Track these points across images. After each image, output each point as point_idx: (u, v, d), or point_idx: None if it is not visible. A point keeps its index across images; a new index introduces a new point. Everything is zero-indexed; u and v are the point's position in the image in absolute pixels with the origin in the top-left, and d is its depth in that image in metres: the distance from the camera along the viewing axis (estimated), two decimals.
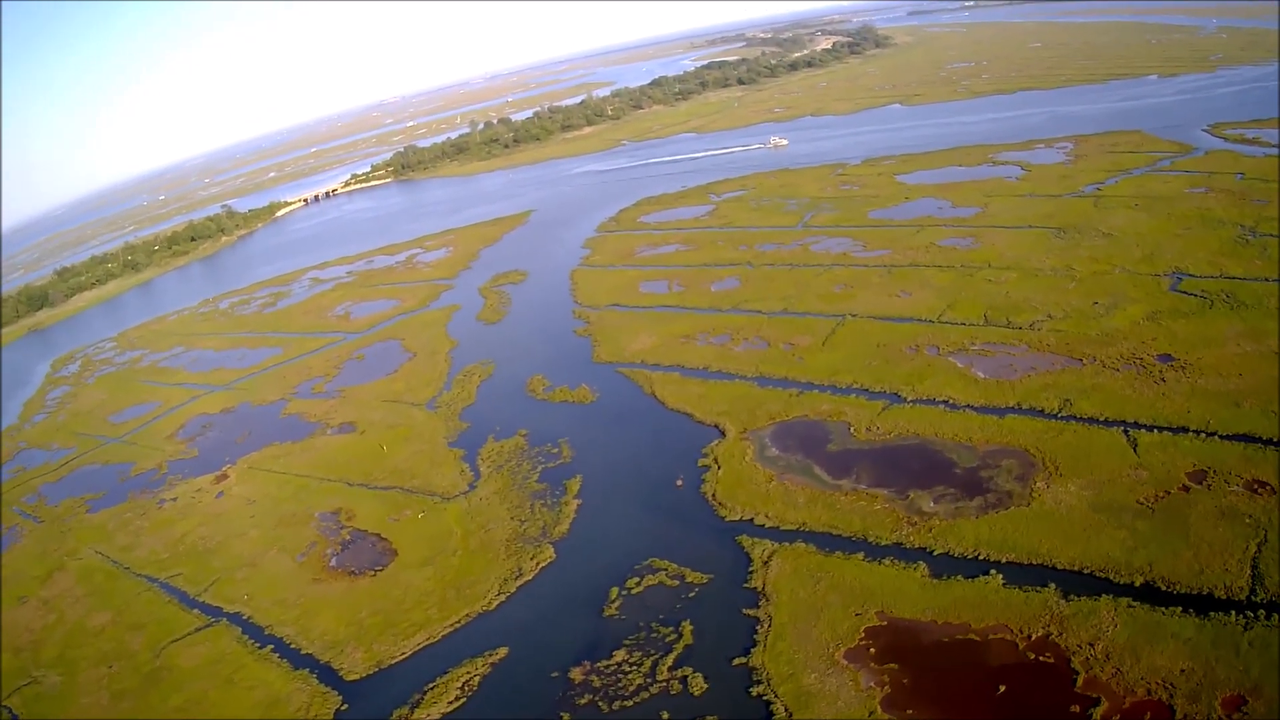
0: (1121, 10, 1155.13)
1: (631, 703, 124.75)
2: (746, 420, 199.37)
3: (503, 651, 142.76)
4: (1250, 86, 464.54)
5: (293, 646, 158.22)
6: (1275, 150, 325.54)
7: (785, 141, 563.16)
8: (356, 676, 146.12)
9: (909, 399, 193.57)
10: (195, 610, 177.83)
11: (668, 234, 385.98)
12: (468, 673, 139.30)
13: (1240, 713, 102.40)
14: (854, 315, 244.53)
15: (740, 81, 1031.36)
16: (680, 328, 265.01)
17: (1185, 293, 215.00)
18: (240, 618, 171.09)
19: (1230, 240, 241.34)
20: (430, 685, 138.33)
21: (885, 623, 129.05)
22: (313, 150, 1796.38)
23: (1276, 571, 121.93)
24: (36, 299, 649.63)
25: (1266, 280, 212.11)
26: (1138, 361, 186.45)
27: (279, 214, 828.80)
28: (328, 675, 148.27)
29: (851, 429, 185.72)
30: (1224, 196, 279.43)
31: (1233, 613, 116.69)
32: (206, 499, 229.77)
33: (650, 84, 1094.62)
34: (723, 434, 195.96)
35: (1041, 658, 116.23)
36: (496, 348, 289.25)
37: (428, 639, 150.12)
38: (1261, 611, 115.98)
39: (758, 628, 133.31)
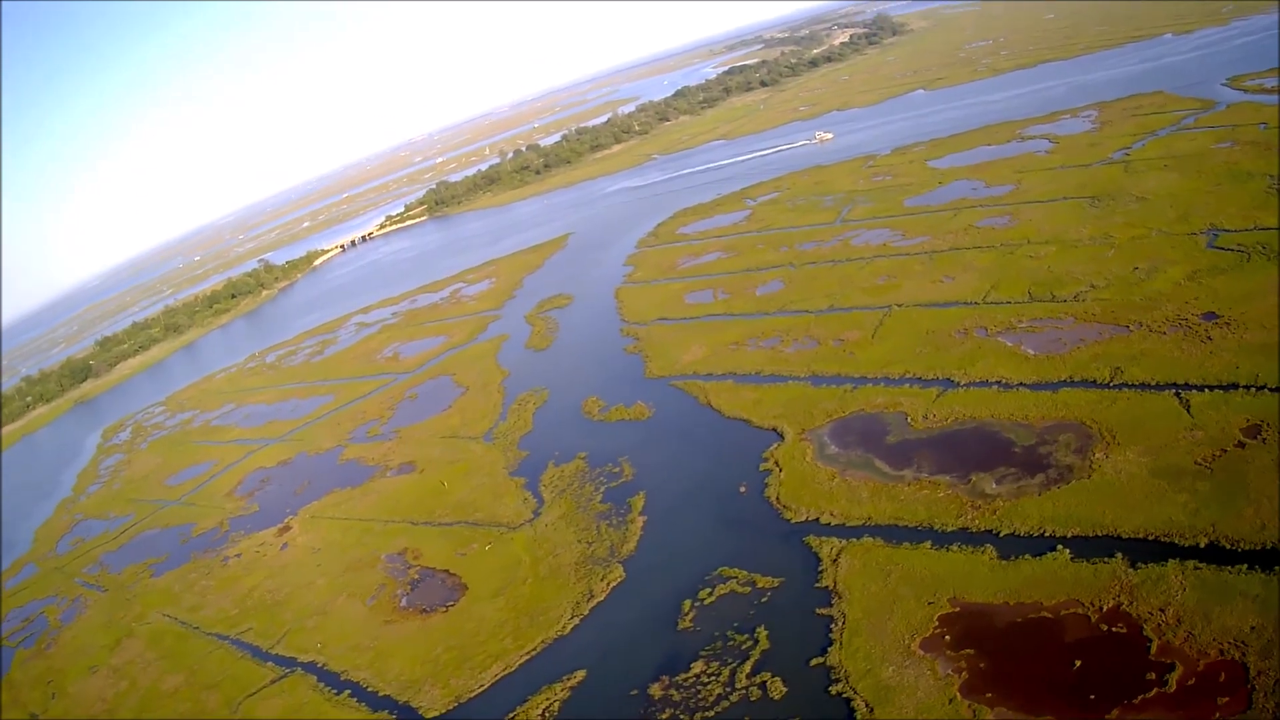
0: None
1: (713, 713, 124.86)
2: (804, 420, 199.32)
3: (580, 674, 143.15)
4: (1263, 36, 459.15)
5: (370, 689, 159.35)
6: None
7: (830, 135, 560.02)
8: (436, 713, 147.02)
9: (962, 383, 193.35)
10: (269, 663, 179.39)
11: (707, 243, 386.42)
12: (547, 699, 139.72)
13: None
14: (900, 305, 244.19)
15: (763, 84, 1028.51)
16: (729, 335, 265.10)
17: (1222, 249, 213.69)
18: (315, 666, 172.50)
19: (1261, 192, 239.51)
20: (510, 715, 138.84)
21: (958, 609, 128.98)
22: (345, 195, 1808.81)
23: None
24: (80, 371, 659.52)
25: None
26: (1183, 322, 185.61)
27: (317, 262, 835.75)
28: (407, 714, 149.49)
29: (908, 419, 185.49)
30: (1250, 149, 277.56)
31: None
32: (271, 552, 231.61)
33: (674, 95, 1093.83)
34: (781, 436, 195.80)
35: (1114, 629, 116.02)
36: (548, 374, 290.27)
37: (505, 669, 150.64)
38: None
39: (832, 626, 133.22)
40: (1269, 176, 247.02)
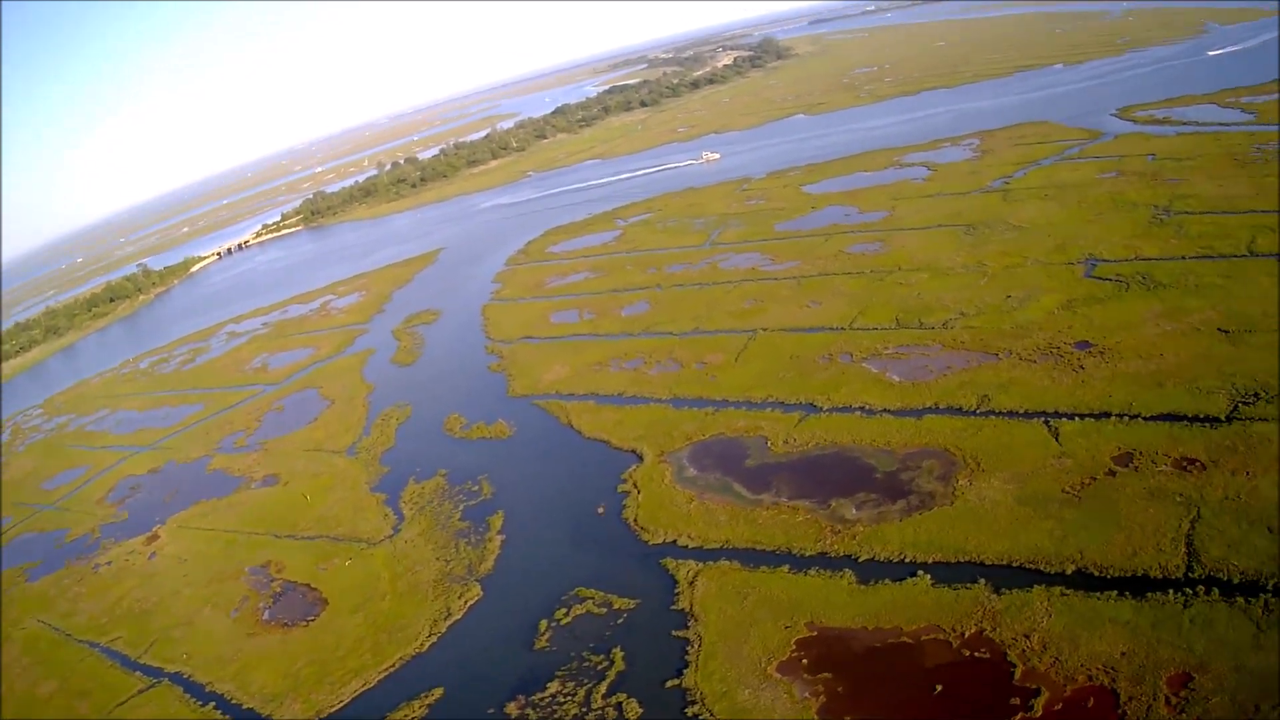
0: (1026, 2, 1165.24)
1: None
2: (663, 443, 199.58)
3: (438, 692, 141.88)
4: (1159, 67, 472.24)
5: (233, 702, 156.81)
6: (1187, 128, 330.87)
7: (717, 155, 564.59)
8: None
9: (825, 408, 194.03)
10: (137, 673, 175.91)
11: (576, 263, 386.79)
12: (405, 716, 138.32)
13: (1187, 689, 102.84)
14: (765, 329, 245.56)
15: (643, 104, 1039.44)
16: (593, 355, 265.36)
17: (1100, 278, 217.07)
18: (181, 677, 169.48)
19: (1144, 222, 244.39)
20: None
21: (815, 633, 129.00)
22: (225, 202, 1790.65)
23: (1213, 546, 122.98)
24: None
25: (1183, 259, 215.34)
26: (1055, 351, 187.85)
27: (194, 269, 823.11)
28: None
29: (769, 443, 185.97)
30: (1135, 179, 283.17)
31: (1170, 591, 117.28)
32: (140, 560, 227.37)
33: (553, 113, 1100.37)
34: (640, 458, 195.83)
35: (976, 654, 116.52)
36: (413, 389, 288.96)
37: (363, 685, 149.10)
38: (1200, 587, 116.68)
39: (688, 648, 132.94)
40: (1153, 206, 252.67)
